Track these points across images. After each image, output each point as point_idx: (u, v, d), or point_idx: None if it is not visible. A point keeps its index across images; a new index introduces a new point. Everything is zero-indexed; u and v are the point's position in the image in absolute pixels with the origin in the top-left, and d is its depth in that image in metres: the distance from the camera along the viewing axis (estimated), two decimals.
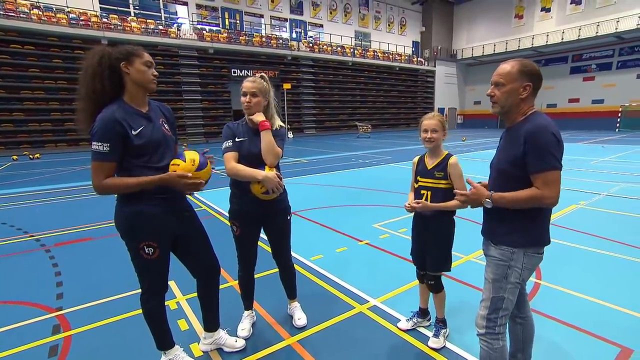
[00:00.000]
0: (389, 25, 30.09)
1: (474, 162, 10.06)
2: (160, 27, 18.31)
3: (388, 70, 27.97)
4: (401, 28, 31.03)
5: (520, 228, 1.52)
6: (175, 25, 19.44)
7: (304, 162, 10.82)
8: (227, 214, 2.33)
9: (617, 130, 23.19)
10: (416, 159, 2.27)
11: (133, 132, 1.68)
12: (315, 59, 23.76)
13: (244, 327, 2.42)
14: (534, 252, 1.55)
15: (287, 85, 20.29)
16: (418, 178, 2.19)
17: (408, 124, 30.50)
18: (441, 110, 32.23)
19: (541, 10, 26.84)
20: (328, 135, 23.60)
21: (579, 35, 24.25)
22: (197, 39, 19.12)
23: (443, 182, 2.08)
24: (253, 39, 21.15)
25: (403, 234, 4.27)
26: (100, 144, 1.60)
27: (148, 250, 1.78)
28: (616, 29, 22.60)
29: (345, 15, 27.17)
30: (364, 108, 26.96)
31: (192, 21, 20.15)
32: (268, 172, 2.04)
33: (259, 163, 2.10)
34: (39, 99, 15.17)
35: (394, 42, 29.97)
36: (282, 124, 2.24)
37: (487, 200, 1.51)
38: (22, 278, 3.32)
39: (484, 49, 30.14)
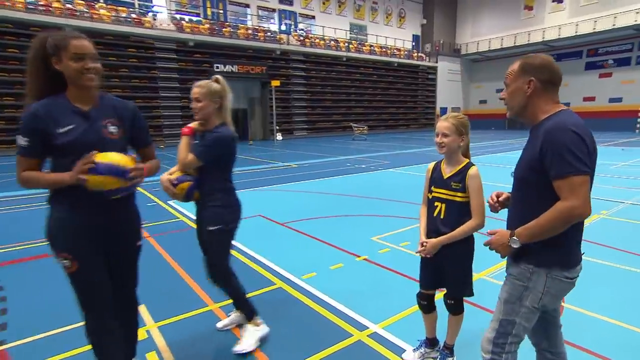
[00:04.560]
0: (386, 17, 30.40)
1: (482, 167, 10.07)
2: (133, 16, 18.19)
3: (386, 66, 28.18)
4: (400, 20, 31.38)
5: (541, 243, 1.44)
6: (150, 13, 19.34)
7: (293, 167, 10.80)
8: None
9: (637, 131, 23.54)
10: (431, 165, 2.19)
11: (59, 129, 1.66)
12: (307, 54, 23.83)
13: None
14: (560, 275, 1.46)
15: (275, 82, 20.28)
16: (432, 188, 2.11)
17: (408, 124, 30.75)
18: (443, 110, 32.50)
19: (553, 1, 27.31)
20: (321, 138, 23.66)
21: (594, 28, 24.57)
22: (176, 30, 19.07)
23: (460, 194, 2.00)
24: (238, 31, 21.16)
25: (405, 248, 4.20)
26: (21, 137, 1.64)
27: (65, 262, 1.75)
28: (635, 20, 22.84)
29: (340, 6, 27.40)
30: (360, 108, 27.08)
31: (170, 10, 20.08)
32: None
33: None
34: None
35: (392, 35, 30.27)
36: (226, 128, 2.34)
37: (513, 238, 1.45)
38: None
39: (490, 44, 30.57)
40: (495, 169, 9.78)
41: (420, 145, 17.64)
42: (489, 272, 3.53)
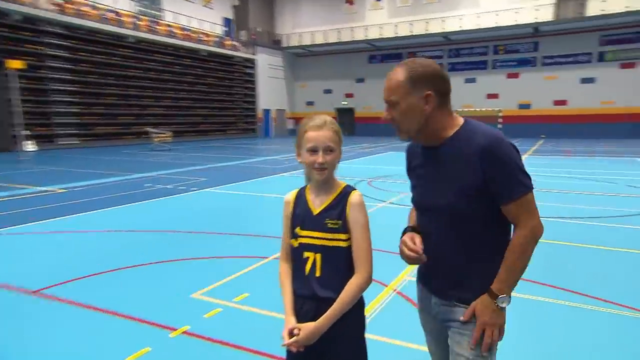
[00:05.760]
0: None
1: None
2: None
3: (191, 54, 28.38)
4: None
5: (487, 274, 1.53)
6: None
7: (58, 194, 9.63)
8: None
9: None
10: (291, 195, 1.85)
11: None
12: (71, 26, 21.56)
13: None
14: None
15: (17, 64, 16.82)
16: (297, 231, 1.74)
17: (224, 130, 31.61)
18: (266, 113, 34.09)
19: None
20: (101, 148, 22.07)
21: (411, 31, 30.76)
22: None
23: (343, 236, 1.72)
24: None
25: (242, 304, 3.84)
26: None
27: None
28: (443, 29, 29.72)
29: None
30: (160, 107, 26.49)
31: None
32: None
33: None
34: None
35: (196, 15, 30.45)
36: None
37: (501, 297, 1.49)
38: None
39: (313, 37, 34.18)
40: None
41: (243, 156, 18.41)
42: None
